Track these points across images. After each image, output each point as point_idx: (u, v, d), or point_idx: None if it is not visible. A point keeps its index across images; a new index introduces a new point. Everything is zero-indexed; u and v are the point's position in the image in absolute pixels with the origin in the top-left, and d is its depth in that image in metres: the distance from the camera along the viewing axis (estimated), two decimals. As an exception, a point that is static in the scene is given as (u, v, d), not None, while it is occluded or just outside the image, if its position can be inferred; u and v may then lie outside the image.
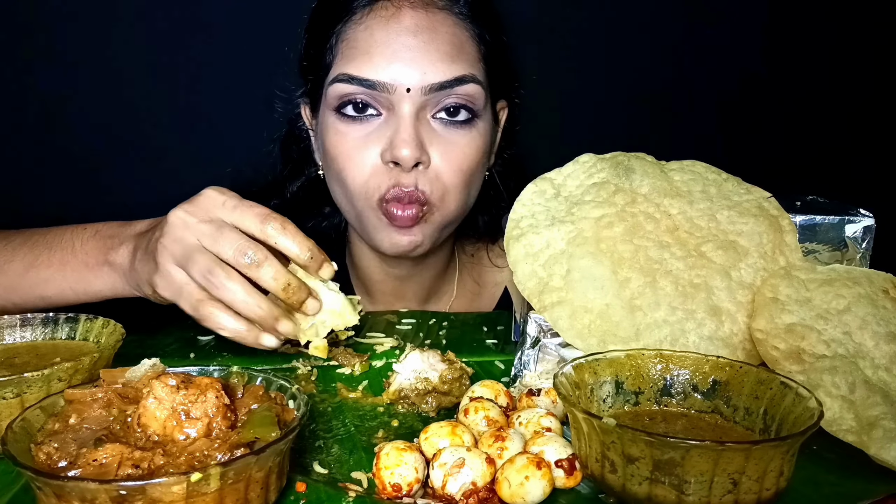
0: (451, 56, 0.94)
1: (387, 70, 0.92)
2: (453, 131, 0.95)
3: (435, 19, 0.95)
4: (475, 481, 0.54)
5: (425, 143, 0.93)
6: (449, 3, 0.97)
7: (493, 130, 1.04)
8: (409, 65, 0.92)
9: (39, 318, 0.73)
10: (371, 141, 0.94)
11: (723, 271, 0.73)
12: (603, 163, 0.80)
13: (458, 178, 0.96)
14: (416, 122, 0.93)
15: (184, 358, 0.84)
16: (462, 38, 0.96)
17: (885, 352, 0.65)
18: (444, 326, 0.95)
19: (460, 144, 0.96)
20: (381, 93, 0.92)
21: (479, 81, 0.96)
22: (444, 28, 0.95)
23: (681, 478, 0.49)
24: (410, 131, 0.91)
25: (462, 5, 0.98)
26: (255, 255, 0.72)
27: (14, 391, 0.58)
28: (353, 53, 0.94)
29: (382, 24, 0.94)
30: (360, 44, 0.94)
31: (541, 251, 0.75)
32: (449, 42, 0.94)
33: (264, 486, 0.50)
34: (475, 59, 0.97)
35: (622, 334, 0.70)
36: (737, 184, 0.80)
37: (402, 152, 0.90)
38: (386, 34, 0.93)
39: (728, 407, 0.60)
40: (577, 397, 0.59)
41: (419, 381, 0.72)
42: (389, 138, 0.92)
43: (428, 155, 0.94)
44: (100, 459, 0.48)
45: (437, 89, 0.92)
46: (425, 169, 0.94)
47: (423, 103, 0.93)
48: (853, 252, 0.79)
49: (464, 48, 0.96)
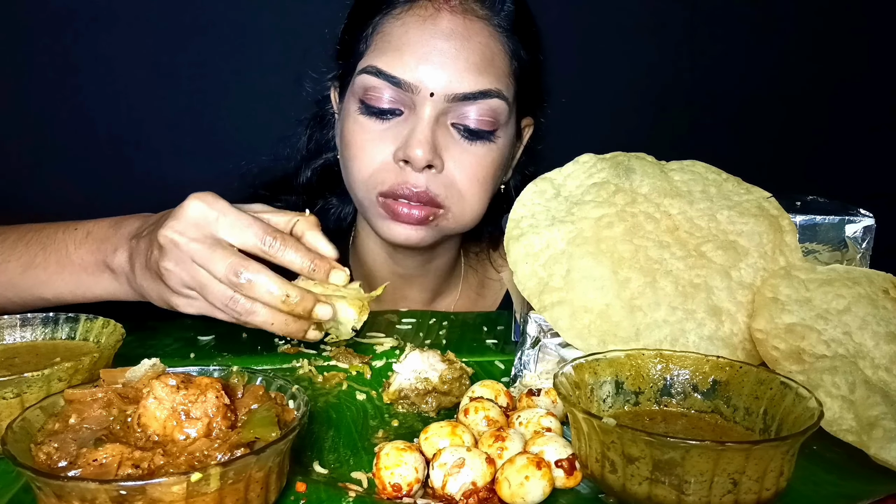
0: (480, 68, 0.93)
1: (415, 71, 0.92)
2: (470, 142, 0.95)
3: (472, 28, 0.95)
4: (475, 481, 0.54)
5: (440, 148, 0.93)
6: (489, 13, 0.97)
7: (512, 145, 1.04)
8: (438, 69, 0.92)
9: (39, 318, 0.73)
10: (387, 138, 0.95)
11: (723, 271, 0.73)
12: (603, 163, 0.80)
13: (473, 188, 0.96)
14: (435, 125, 0.93)
15: (184, 358, 0.84)
16: (494, 51, 0.96)
17: (885, 352, 0.65)
18: (444, 326, 0.95)
19: (477, 155, 0.96)
20: (406, 92, 0.92)
21: (505, 97, 0.96)
22: (478, 38, 0.95)
23: (681, 478, 0.49)
24: (427, 133, 0.91)
25: (502, 18, 0.97)
26: (248, 273, 0.69)
27: (14, 391, 0.58)
28: (386, 47, 0.95)
29: (419, 23, 0.94)
30: (394, 39, 0.95)
31: (541, 251, 0.75)
32: (480, 53, 0.94)
33: (264, 486, 0.50)
34: (504, 74, 0.97)
35: (622, 334, 0.70)
36: (737, 184, 0.80)
37: (416, 152, 0.90)
38: (420, 34, 0.93)
39: (728, 407, 0.60)
40: (577, 397, 0.59)
41: (419, 381, 0.72)
42: (405, 137, 0.93)
43: (442, 160, 0.93)
44: (100, 459, 0.48)
45: (460, 99, 0.92)
46: (437, 173, 0.94)
47: (444, 109, 0.93)
48: (853, 252, 0.79)
49: (494, 61, 0.96)
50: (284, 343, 0.87)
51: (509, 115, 0.98)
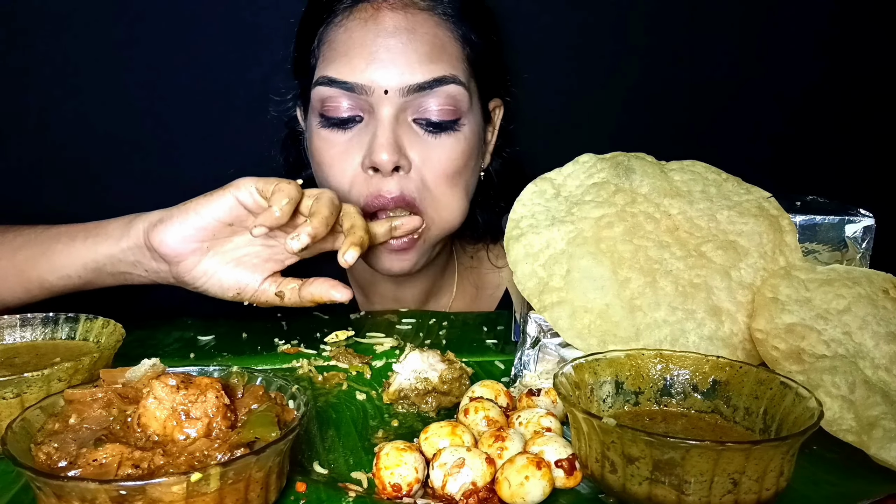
0: (431, 57, 0.92)
1: (365, 72, 0.91)
2: (435, 135, 0.94)
3: (415, 20, 0.94)
4: (475, 481, 0.54)
5: (405, 146, 0.92)
6: (431, 3, 0.96)
7: (482, 131, 1.02)
8: (387, 66, 0.91)
9: (39, 318, 0.73)
10: (352, 148, 0.93)
11: (723, 271, 0.73)
12: (603, 163, 0.80)
13: (444, 184, 0.95)
14: (396, 125, 0.91)
15: (184, 358, 0.84)
16: (444, 39, 0.95)
17: (885, 352, 0.65)
18: (444, 326, 0.95)
19: (444, 148, 0.94)
20: (360, 95, 0.91)
21: (461, 82, 0.94)
22: (423, 29, 0.94)
23: (681, 478, 0.49)
24: (388, 135, 0.90)
25: (446, 6, 0.96)
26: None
27: (14, 391, 0.58)
28: (333, 56, 0.94)
29: (361, 25, 0.93)
30: (340, 46, 0.94)
31: (541, 251, 0.75)
32: (429, 43, 0.93)
33: (264, 486, 0.50)
34: (458, 60, 0.96)
35: (622, 334, 0.70)
36: (737, 184, 0.80)
37: (381, 156, 0.89)
38: (364, 35, 0.93)
39: (728, 407, 0.60)
40: (577, 397, 0.59)
41: (419, 381, 0.72)
42: (368, 143, 0.92)
43: (408, 159, 0.92)
44: (100, 459, 0.48)
45: (415, 90, 0.91)
46: (406, 174, 0.92)
47: (402, 106, 0.92)
48: (853, 252, 0.79)
49: (445, 49, 0.94)
50: (284, 343, 0.87)
51: (470, 100, 0.96)
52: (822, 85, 1.48)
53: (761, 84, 1.46)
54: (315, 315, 0.98)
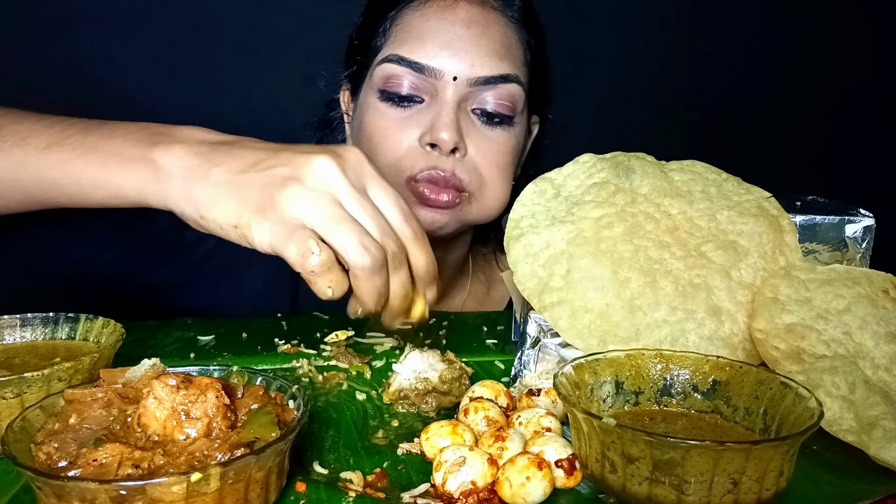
0: (501, 54, 0.96)
1: (437, 57, 0.94)
2: (491, 128, 0.97)
3: (489, 17, 0.98)
4: (475, 481, 0.54)
5: (463, 133, 0.95)
6: (503, 5, 1.00)
7: (525, 139, 1.06)
8: (460, 54, 0.94)
9: (39, 318, 0.72)
10: (410, 123, 0.96)
11: (723, 271, 0.73)
12: (603, 163, 0.80)
13: (494, 173, 0.98)
14: (458, 110, 0.95)
15: (184, 358, 0.84)
16: (512, 40, 0.99)
17: (885, 352, 0.65)
18: (444, 326, 0.95)
19: (497, 141, 0.98)
20: (428, 77, 0.94)
21: (522, 84, 0.98)
22: (496, 26, 0.98)
23: (681, 478, 0.49)
24: (452, 116, 0.93)
25: (514, 10, 1.01)
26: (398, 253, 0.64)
27: (14, 391, 0.58)
28: (407, 37, 0.97)
29: (438, 13, 0.97)
30: (415, 29, 0.97)
31: (541, 251, 0.75)
32: (499, 40, 0.97)
33: (264, 486, 0.50)
34: (521, 63, 1.00)
35: (622, 334, 0.70)
36: (737, 184, 0.80)
37: (443, 135, 0.92)
38: (440, 23, 0.96)
39: (728, 407, 0.60)
40: (577, 397, 0.59)
41: (419, 381, 0.71)
42: (430, 122, 0.94)
43: (465, 145, 0.95)
44: (100, 459, 0.48)
45: (482, 83, 0.95)
46: (462, 157, 0.95)
47: (465, 94, 0.95)
48: (853, 252, 0.79)
49: (512, 49, 0.98)
50: (284, 343, 0.87)
51: (524, 103, 1.00)
52: (822, 85, 1.48)
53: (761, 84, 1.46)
54: (315, 315, 0.98)
